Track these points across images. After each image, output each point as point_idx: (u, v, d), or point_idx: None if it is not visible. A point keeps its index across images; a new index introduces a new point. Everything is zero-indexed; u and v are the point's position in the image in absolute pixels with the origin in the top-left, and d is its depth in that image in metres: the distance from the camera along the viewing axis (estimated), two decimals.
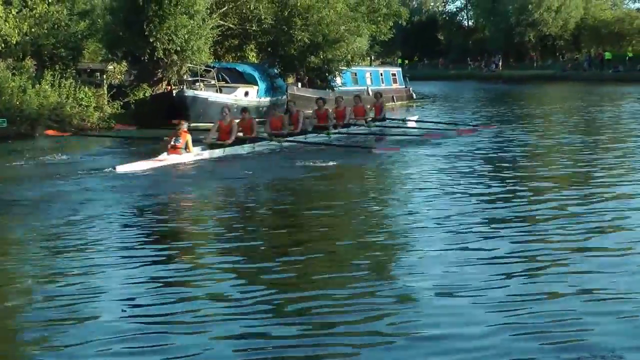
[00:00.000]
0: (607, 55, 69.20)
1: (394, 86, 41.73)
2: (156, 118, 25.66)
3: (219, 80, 27.83)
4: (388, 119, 23.40)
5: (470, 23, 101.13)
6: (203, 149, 16.67)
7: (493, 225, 9.62)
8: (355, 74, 38.01)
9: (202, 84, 27.15)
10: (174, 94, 26.16)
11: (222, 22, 30.01)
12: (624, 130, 22.34)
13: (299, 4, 30.47)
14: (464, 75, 73.00)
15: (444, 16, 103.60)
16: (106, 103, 25.60)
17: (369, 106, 22.67)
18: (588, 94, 44.70)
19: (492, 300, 6.77)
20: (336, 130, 19.82)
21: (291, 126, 18.96)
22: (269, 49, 32.55)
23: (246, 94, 28.20)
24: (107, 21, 27.09)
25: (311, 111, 21.08)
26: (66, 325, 6.29)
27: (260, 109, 28.84)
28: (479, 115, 29.95)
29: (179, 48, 25.43)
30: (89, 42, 28.62)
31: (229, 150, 16.97)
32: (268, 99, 29.16)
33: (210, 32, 27.45)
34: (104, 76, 29.39)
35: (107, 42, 27.15)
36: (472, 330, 6.08)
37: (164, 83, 26.98)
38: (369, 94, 37.55)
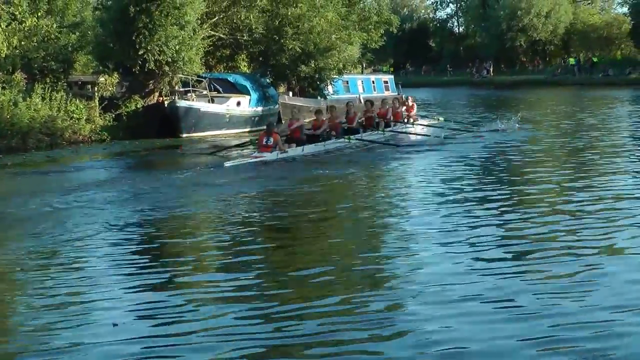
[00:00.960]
0: (595, 59, 69.71)
1: (386, 93, 41.62)
2: (148, 129, 25.62)
3: (210, 91, 27.73)
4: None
5: (461, 29, 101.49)
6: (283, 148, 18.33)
7: (491, 232, 9.66)
8: (347, 82, 37.94)
9: (194, 95, 27.02)
10: (166, 105, 26.03)
11: (213, 33, 29.90)
12: (617, 135, 22.31)
13: (289, 14, 30.37)
14: (456, 82, 73.11)
15: (435, 23, 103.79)
16: (98, 115, 25.44)
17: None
18: (578, 98, 44.83)
19: (491, 306, 6.79)
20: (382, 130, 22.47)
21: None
22: (261, 59, 32.45)
23: (238, 103, 28.09)
24: (98, 33, 26.92)
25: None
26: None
27: (253, 118, 28.72)
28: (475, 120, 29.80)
29: (170, 59, 25.26)
30: (79, 54, 28.45)
31: (307, 149, 18.96)
32: (260, 108, 29.07)
33: (201, 43, 27.35)
34: (95, 88, 29.22)
35: (98, 54, 26.98)
36: (468, 335, 6.05)
37: (156, 94, 26.82)
38: (360, 101, 37.49)
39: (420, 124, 24.72)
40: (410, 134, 22.46)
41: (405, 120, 24.31)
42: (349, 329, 6.27)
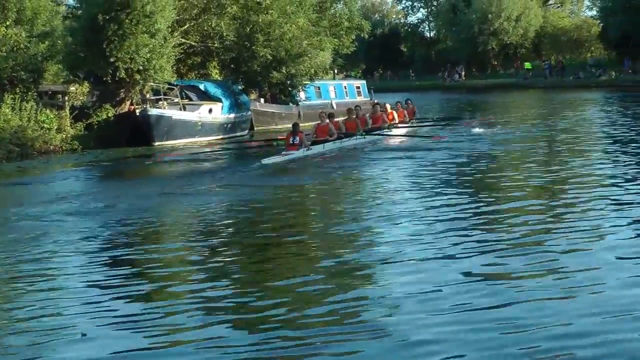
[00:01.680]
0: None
1: (359, 99, 41.71)
2: (120, 138, 25.58)
3: (182, 98, 27.75)
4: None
5: (432, 34, 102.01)
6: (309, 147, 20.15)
7: (466, 235, 9.80)
8: (319, 88, 37.97)
9: (165, 103, 27.00)
10: (138, 114, 25.98)
11: (184, 40, 29.93)
12: (587, 136, 22.59)
13: (260, 20, 30.44)
14: (428, 86, 73.43)
15: (406, 28, 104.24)
16: (69, 125, 25.36)
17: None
18: (550, 101, 45.21)
19: (465, 308, 6.89)
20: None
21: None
22: (232, 66, 32.52)
23: (210, 111, 28.12)
24: (68, 42, 26.78)
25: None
26: None
27: (225, 126, 28.73)
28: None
29: (141, 67, 25.24)
30: (49, 63, 28.25)
31: (327, 146, 20.88)
32: (232, 115, 29.12)
33: (172, 51, 27.35)
34: (66, 98, 28.99)
35: (68, 63, 26.86)
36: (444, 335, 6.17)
37: (127, 103, 26.75)
38: (333, 107, 37.57)
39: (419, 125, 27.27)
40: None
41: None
42: (331, 341, 6.29)
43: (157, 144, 25.68)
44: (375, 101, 28.18)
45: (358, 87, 42.67)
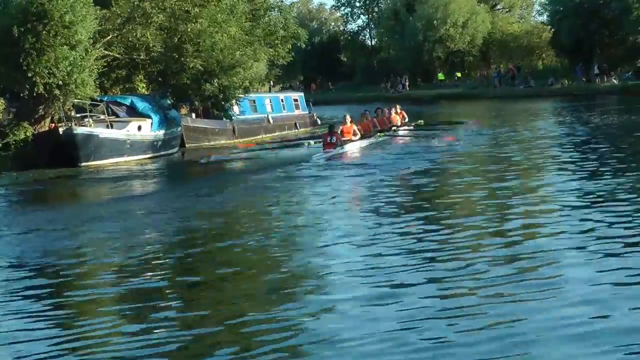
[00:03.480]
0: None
1: (297, 112, 42.32)
2: (41, 159, 25.48)
3: (108, 115, 27.76)
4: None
5: (374, 42, 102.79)
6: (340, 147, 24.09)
7: (412, 244, 10.57)
8: (254, 101, 38.38)
9: (91, 120, 26.98)
10: (61, 132, 25.96)
11: (107, 52, 29.87)
12: (540, 149, 23.21)
13: (189, 30, 30.48)
14: (370, 98, 74.04)
15: (346, 36, 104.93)
16: None
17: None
18: (499, 111, 46.03)
19: (417, 314, 7.51)
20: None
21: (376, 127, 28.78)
22: (159, 79, 32.64)
23: (139, 128, 28.27)
24: None
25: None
26: None
27: (155, 143, 28.86)
28: None
29: (61, 82, 25.10)
30: None
31: (358, 144, 25.44)
32: (162, 132, 29.25)
33: (95, 64, 27.33)
34: None
35: None
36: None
37: (47, 120, 26.81)
38: (269, 122, 38.09)
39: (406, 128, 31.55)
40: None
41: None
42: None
43: (83, 164, 25.66)
44: (378, 107, 32.18)
45: (296, 100, 43.18)
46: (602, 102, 46.40)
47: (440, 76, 76.89)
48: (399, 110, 32.41)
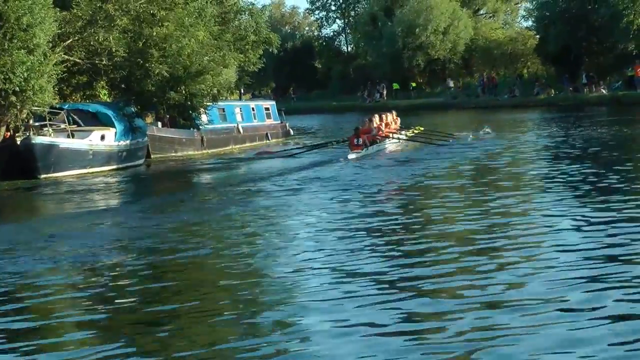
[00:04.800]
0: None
1: (268, 122, 42.47)
2: None
3: (69, 124, 27.71)
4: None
5: (350, 48, 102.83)
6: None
7: (382, 256, 10.91)
8: (224, 109, 38.44)
9: (50, 129, 26.89)
10: (19, 142, 25.88)
11: (67, 57, 29.79)
12: (523, 164, 23.50)
13: (154, 34, 30.53)
14: (346, 107, 74.18)
15: (321, 41, 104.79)
16: None
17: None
18: (482, 123, 46.19)
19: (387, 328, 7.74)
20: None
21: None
22: (123, 85, 32.65)
23: (102, 137, 28.27)
24: None
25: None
26: None
27: (120, 154, 28.85)
28: None
29: (17, 88, 24.91)
30: None
31: (381, 145, 30.17)
32: (127, 142, 29.27)
33: (54, 69, 27.18)
34: None
35: None
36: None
37: (3, 129, 26.73)
38: (239, 132, 38.20)
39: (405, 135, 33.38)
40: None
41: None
42: None
43: (42, 176, 25.54)
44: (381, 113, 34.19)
45: (267, 109, 43.32)
46: (590, 114, 46.70)
47: (395, 85, 77.62)
48: (395, 117, 35.17)
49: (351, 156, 26.30)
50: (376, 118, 32.15)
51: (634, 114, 42.37)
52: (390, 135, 32.04)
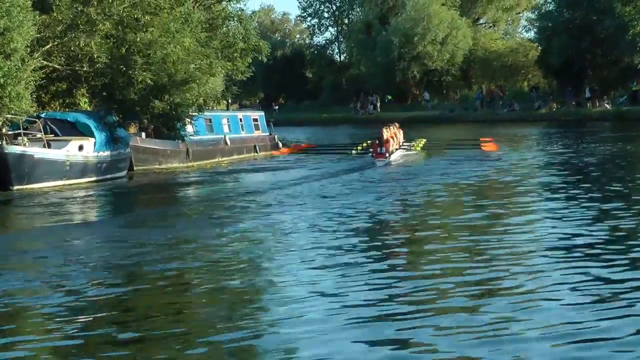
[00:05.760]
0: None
1: (256, 133, 42.40)
2: None
3: (46, 133, 27.54)
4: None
5: (343, 57, 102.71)
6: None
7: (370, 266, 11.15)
8: (210, 120, 38.35)
9: (25, 139, 26.72)
10: None
11: (46, 63, 29.73)
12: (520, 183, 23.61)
13: (138, 40, 30.47)
14: (338, 119, 74.12)
15: (312, 50, 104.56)
16: None
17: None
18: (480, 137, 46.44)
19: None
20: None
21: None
22: (104, 93, 32.48)
23: (81, 148, 28.12)
24: None
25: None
26: None
27: (99, 165, 28.71)
28: None
29: None
30: None
31: (400, 153, 33.49)
32: (108, 152, 29.13)
33: (32, 75, 27.14)
34: None
35: None
36: None
37: None
38: (227, 143, 38.12)
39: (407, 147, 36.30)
40: None
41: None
42: None
43: (15, 188, 25.36)
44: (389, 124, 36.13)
45: (256, 120, 43.26)
46: (593, 130, 46.84)
47: (388, 97, 78.60)
48: (397, 128, 36.54)
49: (379, 163, 29.94)
50: (390, 129, 34.23)
51: (638, 130, 42.52)
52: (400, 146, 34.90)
